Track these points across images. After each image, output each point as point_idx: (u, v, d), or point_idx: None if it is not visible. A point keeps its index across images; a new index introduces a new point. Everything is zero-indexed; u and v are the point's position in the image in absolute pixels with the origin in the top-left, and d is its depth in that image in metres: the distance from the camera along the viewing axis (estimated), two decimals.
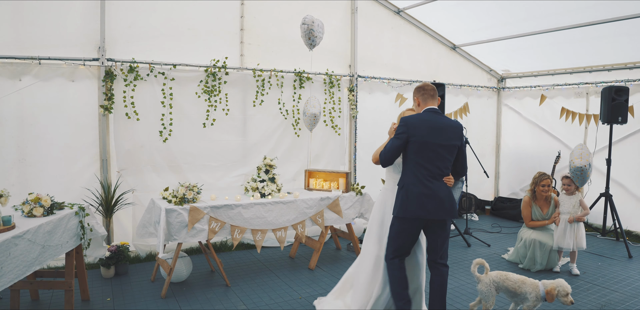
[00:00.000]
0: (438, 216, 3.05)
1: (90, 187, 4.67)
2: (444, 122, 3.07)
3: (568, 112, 6.66)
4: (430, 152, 3.03)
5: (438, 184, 3.07)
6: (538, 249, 4.74)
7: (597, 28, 5.55)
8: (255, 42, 5.48)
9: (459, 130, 3.12)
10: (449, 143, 3.05)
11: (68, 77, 4.57)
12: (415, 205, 3.04)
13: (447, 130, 3.06)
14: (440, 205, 3.04)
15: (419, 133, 3.03)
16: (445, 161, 3.07)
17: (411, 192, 3.07)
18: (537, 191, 4.88)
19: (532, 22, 5.89)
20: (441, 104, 5.55)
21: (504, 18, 5.99)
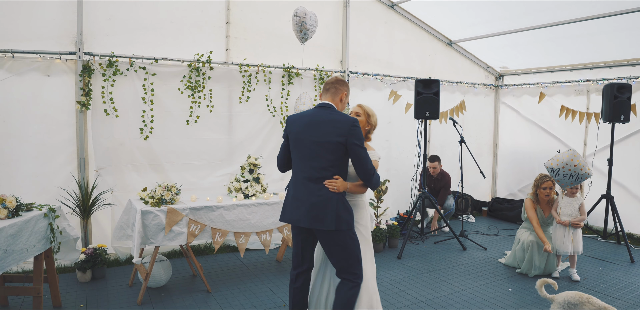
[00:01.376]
0: (305, 224, 2.68)
1: (67, 187, 4.45)
2: (325, 117, 2.68)
3: (568, 110, 6.44)
4: (304, 150, 2.71)
5: (312, 187, 2.67)
6: (536, 253, 4.53)
7: (598, 23, 5.34)
8: (242, 36, 5.26)
9: (345, 125, 2.62)
10: (325, 140, 2.63)
11: (43, 71, 4.35)
12: (287, 209, 2.80)
13: (326, 125, 2.65)
14: (308, 212, 2.66)
15: (294, 129, 2.76)
16: (322, 161, 2.65)
17: (287, 194, 2.85)
18: (539, 194, 4.66)
19: (530, 16, 5.67)
20: (435, 101, 5.33)
21: (501, 13, 5.78)
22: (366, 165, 2.65)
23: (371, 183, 2.72)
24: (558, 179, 4.51)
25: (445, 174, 6.30)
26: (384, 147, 6.24)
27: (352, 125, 2.63)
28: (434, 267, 4.83)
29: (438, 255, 5.24)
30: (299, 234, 2.86)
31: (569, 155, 4.55)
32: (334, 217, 2.63)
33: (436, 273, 4.62)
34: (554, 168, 4.53)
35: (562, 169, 4.45)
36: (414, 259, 5.10)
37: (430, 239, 5.92)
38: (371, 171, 2.66)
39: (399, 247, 5.43)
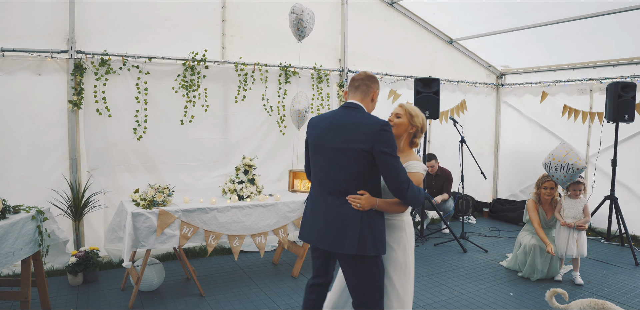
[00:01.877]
0: (323, 246, 2.35)
1: (59, 188, 4.36)
2: (349, 120, 2.29)
3: (570, 109, 6.32)
4: (323, 158, 2.36)
5: (332, 201, 2.32)
6: (538, 256, 4.42)
7: (601, 20, 5.22)
8: (238, 34, 5.16)
9: (372, 129, 2.22)
10: (348, 146, 2.25)
11: (34, 70, 4.26)
12: (305, 226, 2.50)
13: (349, 130, 2.26)
14: (327, 232, 2.32)
15: (314, 133, 2.42)
16: (343, 171, 2.28)
17: (306, 208, 2.54)
18: (540, 194, 4.56)
19: (532, 14, 5.55)
20: (435, 101, 5.23)
21: (503, 10, 5.66)
22: (397, 177, 2.20)
23: (406, 199, 2.25)
24: (552, 174, 4.45)
25: (444, 169, 6.21)
26: None
27: (381, 129, 2.19)
28: (434, 270, 4.73)
29: (438, 258, 5.13)
30: (319, 254, 2.55)
31: (557, 147, 4.52)
32: (356, 240, 2.24)
33: (436, 277, 4.52)
34: (546, 163, 4.52)
35: (552, 162, 4.40)
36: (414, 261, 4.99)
37: (430, 241, 5.81)
38: (404, 185, 2.20)
39: None
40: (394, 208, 2.36)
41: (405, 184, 2.22)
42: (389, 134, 2.22)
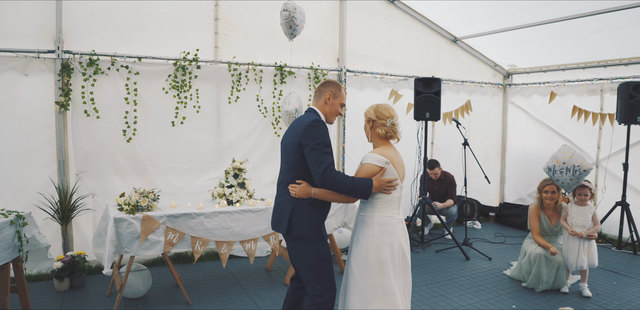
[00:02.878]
0: (272, 227, 2.81)
1: (46, 192, 4.25)
2: (298, 120, 2.70)
3: (580, 110, 6.06)
4: (281, 155, 2.79)
5: (279, 190, 2.74)
6: (544, 265, 4.18)
7: (614, 17, 4.96)
8: (232, 32, 5.01)
9: (302, 125, 2.56)
10: (288, 142, 2.64)
11: (21, 70, 4.16)
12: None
13: (293, 129, 2.66)
14: (274, 215, 2.77)
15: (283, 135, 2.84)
16: (285, 164, 2.69)
17: None
18: (543, 199, 4.33)
19: (540, 11, 5.31)
20: (436, 101, 5.02)
21: (509, 7, 5.42)
22: (316, 167, 2.46)
23: (326, 187, 2.48)
24: (557, 178, 4.20)
25: (447, 173, 5.99)
26: None
27: (308, 126, 2.52)
28: (433, 279, 4.52)
29: (438, 266, 4.92)
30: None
31: (560, 150, 4.30)
32: (287, 222, 2.60)
33: (435, 286, 4.31)
34: (549, 167, 4.28)
35: (557, 165, 4.19)
36: (413, 269, 4.79)
37: (432, 247, 5.60)
38: (319, 175, 2.44)
39: None
40: (332, 197, 2.56)
41: (322, 173, 2.43)
42: (313, 129, 2.51)
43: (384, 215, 2.58)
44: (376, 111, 2.66)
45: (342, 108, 2.78)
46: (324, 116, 2.71)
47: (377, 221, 2.57)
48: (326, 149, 2.50)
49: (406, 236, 2.65)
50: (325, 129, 2.56)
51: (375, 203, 2.58)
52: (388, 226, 2.57)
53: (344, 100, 2.77)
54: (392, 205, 2.60)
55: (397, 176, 2.57)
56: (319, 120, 2.56)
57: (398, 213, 2.64)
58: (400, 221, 2.62)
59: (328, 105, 2.72)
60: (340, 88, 2.75)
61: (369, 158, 2.58)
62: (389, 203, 2.59)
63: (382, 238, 2.55)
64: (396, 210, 2.62)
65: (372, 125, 2.66)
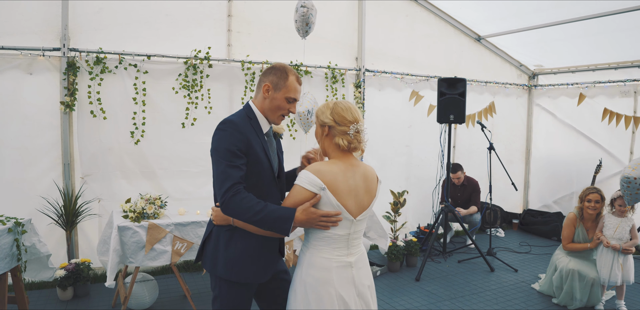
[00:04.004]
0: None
1: (50, 196, 4.05)
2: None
3: (612, 113, 5.70)
4: None
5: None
6: (577, 282, 3.87)
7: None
8: (245, 30, 4.78)
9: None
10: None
11: (25, 69, 3.98)
12: None
13: None
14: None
15: None
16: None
17: None
18: (584, 208, 4.01)
19: (569, 8, 4.99)
20: (461, 103, 4.73)
21: (536, 4, 5.10)
22: (216, 187, 1.87)
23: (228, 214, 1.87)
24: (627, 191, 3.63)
25: (471, 179, 5.69)
26: (403, 153, 5.65)
27: (216, 128, 1.97)
28: (457, 292, 4.23)
29: (462, 278, 4.63)
30: None
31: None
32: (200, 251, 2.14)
33: (459, 301, 4.03)
34: (630, 176, 3.51)
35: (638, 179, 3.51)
36: (434, 281, 4.51)
37: (454, 256, 5.30)
38: (221, 198, 1.82)
39: (418, 266, 4.85)
40: (253, 227, 1.95)
41: (219, 196, 1.83)
42: (219, 132, 1.95)
43: (318, 256, 1.90)
44: (335, 113, 1.93)
45: (292, 104, 2.05)
46: (261, 114, 2.07)
47: (307, 262, 1.92)
48: (231, 160, 1.87)
49: (354, 288, 1.91)
50: (237, 133, 1.91)
51: (309, 237, 1.95)
52: (320, 271, 1.88)
53: (292, 94, 2.03)
54: (331, 245, 1.90)
55: (339, 209, 1.85)
56: (229, 122, 1.95)
57: (345, 254, 1.91)
58: (344, 265, 1.90)
59: (267, 100, 2.04)
60: (286, 77, 2.02)
61: (300, 177, 1.87)
62: (326, 241, 1.89)
63: (310, 286, 1.88)
64: (340, 251, 1.91)
65: (327, 132, 1.95)
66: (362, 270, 1.97)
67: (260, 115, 2.07)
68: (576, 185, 6.22)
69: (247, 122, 2.00)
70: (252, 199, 1.82)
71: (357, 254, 1.96)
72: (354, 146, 1.94)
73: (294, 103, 2.06)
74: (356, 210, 1.91)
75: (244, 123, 1.98)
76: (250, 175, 1.94)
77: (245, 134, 1.94)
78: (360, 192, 1.92)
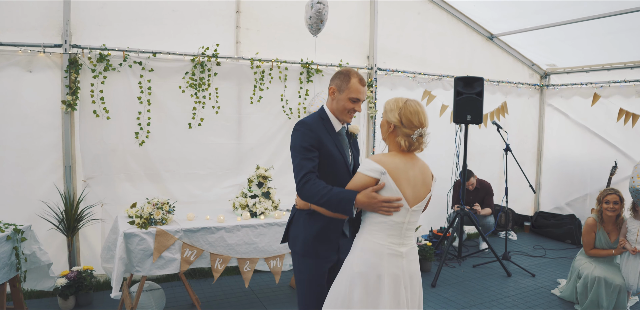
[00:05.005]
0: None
1: (50, 200, 3.86)
2: None
3: (628, 114, 5.56)
4: None
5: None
6: (603, 289, 3.72)
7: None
8: (254, 26, 4.60)
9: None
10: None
11: (24, 66, 3.78)
12: None
13: None
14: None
15: None
16: None
17: None
18: (603, 211, 3.86)
19: (585, 5, 4.83)
20: (479, 103, 4.58)
21: (550, 2, 4.96)
22: (295, 176, 2.17)
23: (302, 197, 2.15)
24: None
25: (483, 182, 5.54)
26: None
27: (293, 129, 2.29)
28: (476, 299, 4.07)
29: (479, 283, 4.47)
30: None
31: None
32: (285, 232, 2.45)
33: (478, 308, 3.86)
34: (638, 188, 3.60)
35: None
36: (451, 287, 4.34)
37: (467, 261, 5.14)
38: (297, 185, 2.12)
39: (432, 272, 4.69)
40: (324, 210, 2.16)
41: (297, 184, 2.14)
42: (294, 132, 2.26)
43: (371, 240, 1.98)
44: (402, 114, 1.99)
45: (356, 104, 2.27)
46: (332, 114, 2.33)
47: (360, 245, 2.01)
48: (305, 154, 2.17)
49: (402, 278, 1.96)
50: (309, 131, 2.21)
51: (365, 221, 2.05)
52: (372, 255, 1.95)
53: (355, 94, 2.24)
54: (385, 231, 1.97)
55: (400, 195, 1.94)
56: (302, 123, 2.25)
57: (397, 243, 1.98)
58: (396, 254, 1.96)
59: (334, 101, 2.31)
60: (348, 79, 2.25)
61: (362, 164, 2.02)
62: (381, 226, 1.97)
63: (359, 269, 1.95)
64: (394, 238, 1.97)
65: (392, 130, 2.04)
66: (413, 263, 2.04)
67: (332, 115, 2.32)
68: (590, 187, 6.08)
69: (320, 123, 2.28)
70: (320, 184, 2.07)
71: (409, 246, 2.03)
72: (414, 148, 2.03)
73: (359, 102, 2.29)
74: (413, 199, 1.99)
75: (316, 123, 2.26)
76: (323, 166, 2.21)
77: (316, 132, 2.22)
78: (418, 183, 2.01)
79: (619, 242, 3.80)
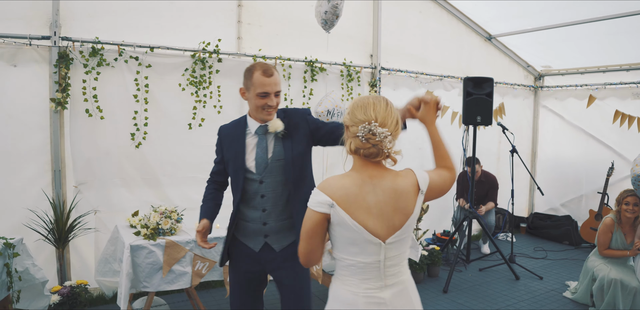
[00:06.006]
0: None
1: (38, 207, 3.49)
2: None
3: (623, 115, 5.62)
4: None
5: None
6: (620, 293, 3.67)
7: None
8: (257, 22, 4.36)
9: None
10: None
11: (8, 60, 3.41)
12: None
13: None
14: None
15: None
16: None
17: None
18: (621, 212, 3.84)
19: (583, 7, 4.85)
20: (489, 104, 4.48)
21: (550, 3, 4.95)
22: None
23: None
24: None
25: (488, 174, 5.42)
26: (416, 156, 5.34)
27: None
28: (492, 304, 3.96)
29: (490, 288, 4.37)
30: None
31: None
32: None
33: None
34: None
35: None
36: (463, 293, 4.23)
37: (473, 264, 5.04)
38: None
39: (441, 277, 4.57)
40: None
41: None
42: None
43: (343, 288, 1.59)
44: (351, 111, 1.59)
45: (267, 98, 2.07)
46: (250, 116, 2.23)
47: (332, 295, 1.65)
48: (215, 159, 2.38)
49: None
50: (218, 136, 2.32)
51: (335, 265, 1.65)
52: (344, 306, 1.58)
53: (260, 88, 2.06)
54: (357, 275, 1.56)
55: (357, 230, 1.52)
56: (220, 127, 2.36)
57: (377, 288, 1.56)
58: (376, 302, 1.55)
59: (249, 102, 2.19)
60: (250, 75, 2.09)
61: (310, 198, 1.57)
62: (351, 270, 1.57)
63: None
64: (371, 282, 1.56)
65: (347, 134, 1.61)
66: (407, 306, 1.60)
67: (249, 117, 2.23)
68: (585, 188, 6.13)
69: (235, 126, 2.25)
70: (206, 191, 2.43)
71: (397, 285, 1.59)
72: (372, 154, 1.53)
73: (269, 96, 2.10)
74: (385, 231, 1.55)
75: (231, 127, 2.27)
76: (229, 172, 2.30)
77: (223, 137, 2.29)
78: (386, 210, 1.55)
79: (635, 244, 3.77)
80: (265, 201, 2.17)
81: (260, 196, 2.17)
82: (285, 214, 2.19)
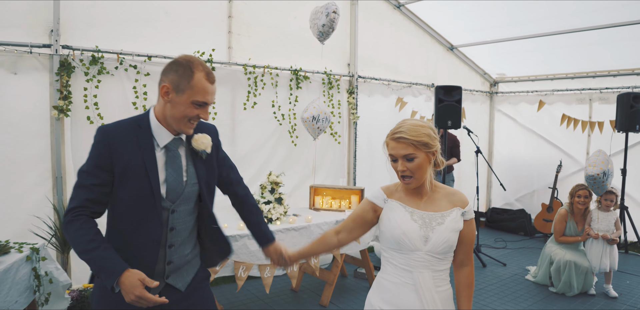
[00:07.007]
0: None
1: (41, 213, 3.56)
2: None
3: (569, 118, 6.34)
4: None
5: None
6: (574, 272, 4.25)
7: (603, 32, 5.26)
8: (246, 32, 4.60)
9: None
10: None
11: (9, 68, 3.46)
12: None
13: None
14: None
15: None
16: None
17: None
18: (574, 204, 4.42)
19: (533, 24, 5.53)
20: (458, 110, 4.97)
21: (505, 19, 5.60)
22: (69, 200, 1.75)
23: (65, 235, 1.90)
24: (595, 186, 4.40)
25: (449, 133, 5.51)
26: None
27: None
28: None
29: None
30: None
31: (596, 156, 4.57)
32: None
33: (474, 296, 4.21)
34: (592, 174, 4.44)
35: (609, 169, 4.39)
36: None
37: None
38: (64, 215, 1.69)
39: None
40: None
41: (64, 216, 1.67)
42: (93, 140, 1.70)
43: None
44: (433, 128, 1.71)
45: (202, 109, 1.64)
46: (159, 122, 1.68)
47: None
48: (84, 178, 1.60)
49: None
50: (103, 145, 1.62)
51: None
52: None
53: (202, 96, 1.62)
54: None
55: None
56: (102, 129, 1.66)
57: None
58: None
59: (169, 105, 1.64)
60: (190, 75, 1.59)
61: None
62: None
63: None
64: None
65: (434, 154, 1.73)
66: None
67: (158, 124, 1.67)
68: (537, 184, 6.81)
69: (132, 133, 1.64)
70: (87, 234, 1.56)
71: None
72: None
73: (206, 107, 1.65)
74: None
75: (125, 132, 1.64)
76: (122, 198, 1.62)
77: (114, 146, 1.61)
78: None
79: (585, 230, 4.37)
80: (173, 235, 1.72)
81: (169, 229, 1.70)
82: (190, 247, 1.80)
